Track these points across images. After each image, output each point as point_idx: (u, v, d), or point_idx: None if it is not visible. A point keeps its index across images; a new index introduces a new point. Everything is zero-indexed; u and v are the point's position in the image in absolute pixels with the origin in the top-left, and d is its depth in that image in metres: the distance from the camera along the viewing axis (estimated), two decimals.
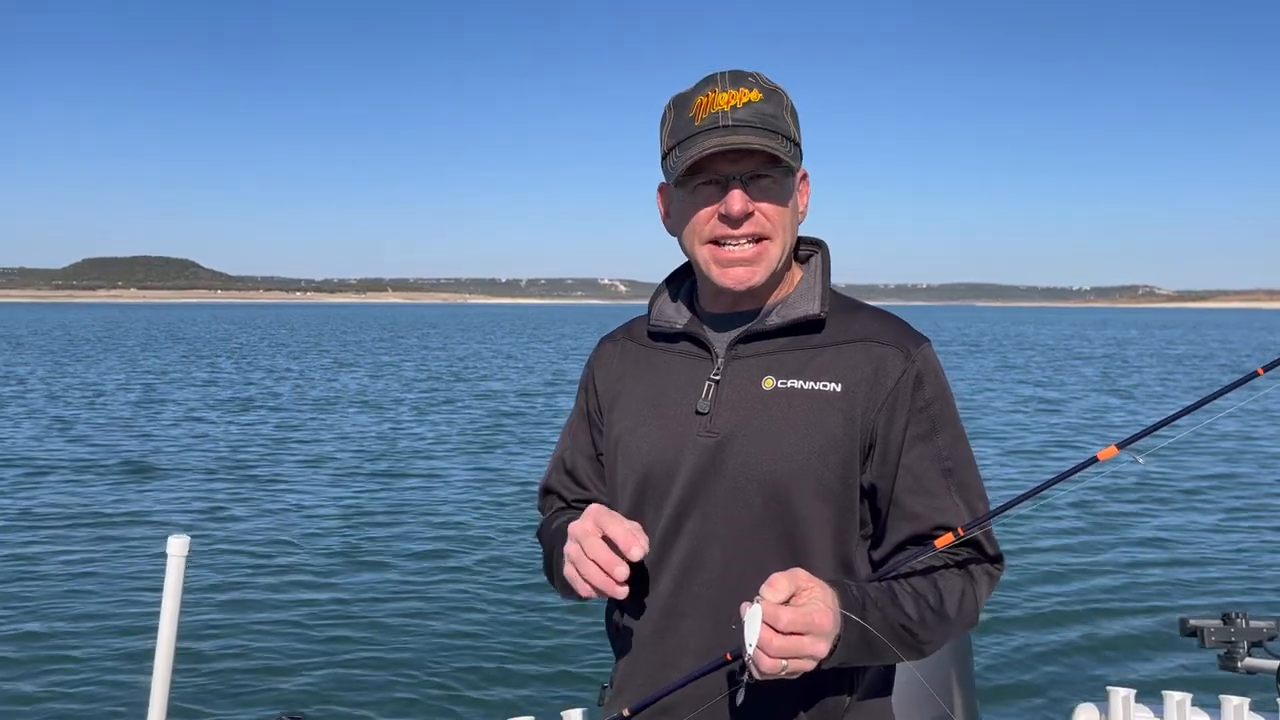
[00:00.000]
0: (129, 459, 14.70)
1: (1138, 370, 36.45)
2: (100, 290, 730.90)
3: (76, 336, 62.20)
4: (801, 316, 1.60)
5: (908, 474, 1.55)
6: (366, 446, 16.43)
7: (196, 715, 5.67)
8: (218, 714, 5.75)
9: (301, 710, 5.54)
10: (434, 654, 6.74)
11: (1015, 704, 5.94)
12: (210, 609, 7.49)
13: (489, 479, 13.42)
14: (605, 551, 1.46)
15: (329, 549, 9.49)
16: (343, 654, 6.70)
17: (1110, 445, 1.56)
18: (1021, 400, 24.64)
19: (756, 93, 1.53)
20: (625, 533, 1.47)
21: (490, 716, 5.73)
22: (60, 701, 5.95)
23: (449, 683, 6.28)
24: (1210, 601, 7.79)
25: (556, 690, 6.12)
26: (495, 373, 34.50)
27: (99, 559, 9.01)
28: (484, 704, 5.96)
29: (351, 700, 5.97)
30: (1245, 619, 2.65)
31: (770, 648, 1.32)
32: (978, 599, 1.56)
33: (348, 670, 6.43)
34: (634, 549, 1.46)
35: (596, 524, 1.49)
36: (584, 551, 1.48)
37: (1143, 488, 12.08)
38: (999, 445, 16.73)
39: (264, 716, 5.59)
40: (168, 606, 2.31)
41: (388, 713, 5.85)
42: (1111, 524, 10.39)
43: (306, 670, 6.42)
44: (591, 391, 1.78)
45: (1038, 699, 6.01)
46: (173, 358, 41.21)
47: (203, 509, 11.32)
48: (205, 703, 5.87)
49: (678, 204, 1.62)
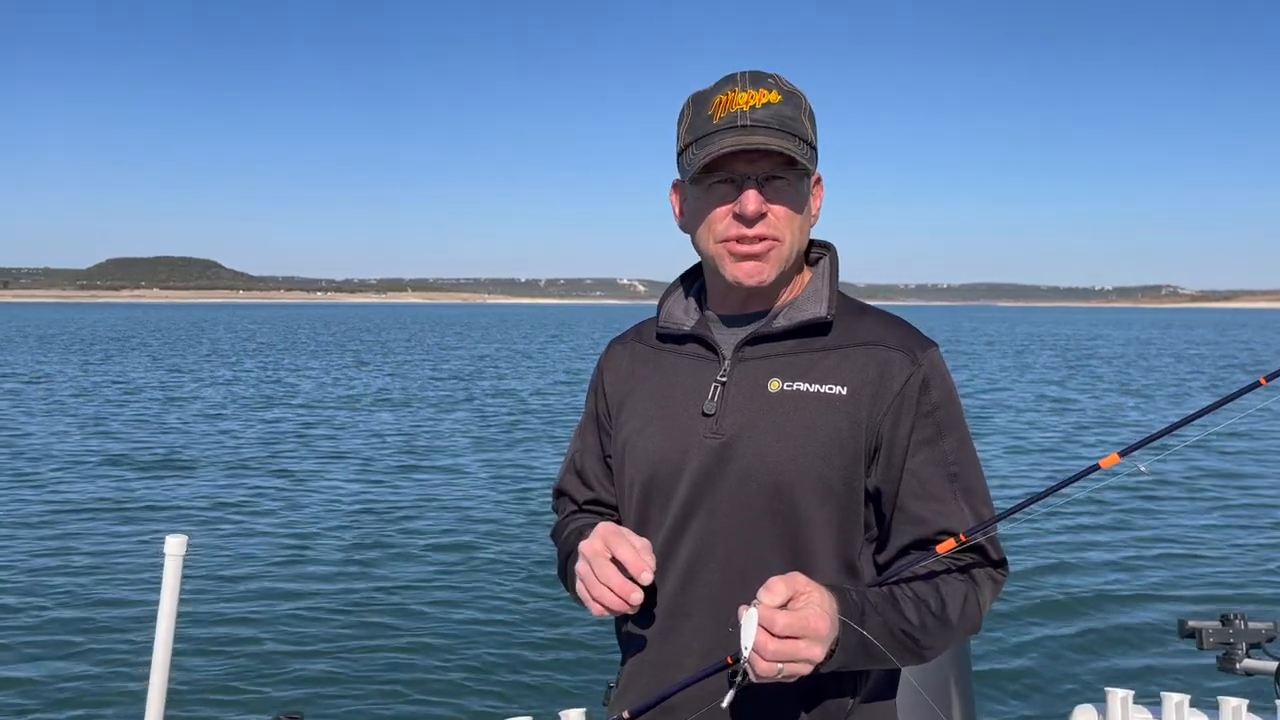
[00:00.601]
0: (140, 455, 14.71)
1: (1157, 370, 36.26)
2: (124, 290, 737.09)
3: (99, 336, 62.90)
4: (808, 319, 1.60)
5: (913, 478, 1.55)
6: (376, 445, 16.45)
7: (194, 715, 5.66)
8: (215, 713, 5.75)
9: (299, 710, 5.47)
10: (434, 653, 6.73)
11: (1014, 705, 5.94)
12: (208, 607, 7.49)
13: (494, 479, 13.42)
14: (617, 576, 1.49)
15: (329, 548, 9.48)
16: (341, 653, 6.69)
17: (1113, 453, 1.56)
18: (1034, 400, 24.66)
19: (775, 94, 1.54)
20: (634, 556, 1.49)
21: (489, 716, 5.74)
22: (62, 697, 5.96)
23: (448, 682, 6.28)
24: (1209, 603, 7.80)
25: (559, 690, 6.11)
26: (510, 372, 34.63)
27: (103, 554, 9.00)
28: (484, 704, 5.96)
29: (350, 700, 5.97)
30: (1244, 620, 2.66)
31: (766, 651, 1.32)
32: (980, 604, 1.57)
33: (346, 670, 6.43)
34: (644, 573, 1.49)
35: (606, 545, 1.52)
36: (595, 575, 1.51)
37: (1141, 488, 12.09)
38: (1014, 443, 16.77)
39: (261, 716, 5.58)
40: (165, 606, 2.32)
41: (386, 712, 5.85)
42: (1110, 524, 10.39)
43: (304, 669, 6.42)
44: (601, 393, 1.79)
45: (1036, 700, 6.00)
46: (195, 356, 41.63)
47: (205, 506, 11.33)
48: (203, 702, 5.86)
49: (692, 202, 1.62)
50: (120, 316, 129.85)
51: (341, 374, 33.03)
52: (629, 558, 1.49)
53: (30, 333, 67.38)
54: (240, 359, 40.43)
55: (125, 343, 53.62)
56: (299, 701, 5.88)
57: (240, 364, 37.30)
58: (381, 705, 5.93)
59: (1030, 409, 22.56)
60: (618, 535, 1.52)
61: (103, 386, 26.87)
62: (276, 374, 32.69)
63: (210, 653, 6.63)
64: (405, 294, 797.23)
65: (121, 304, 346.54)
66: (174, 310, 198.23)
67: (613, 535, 1.53)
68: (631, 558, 1.49)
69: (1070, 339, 68.38)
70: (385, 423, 19.80)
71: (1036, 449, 16.37)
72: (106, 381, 28.60)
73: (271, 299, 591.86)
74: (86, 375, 30.94)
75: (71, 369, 33.60)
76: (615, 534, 1.53)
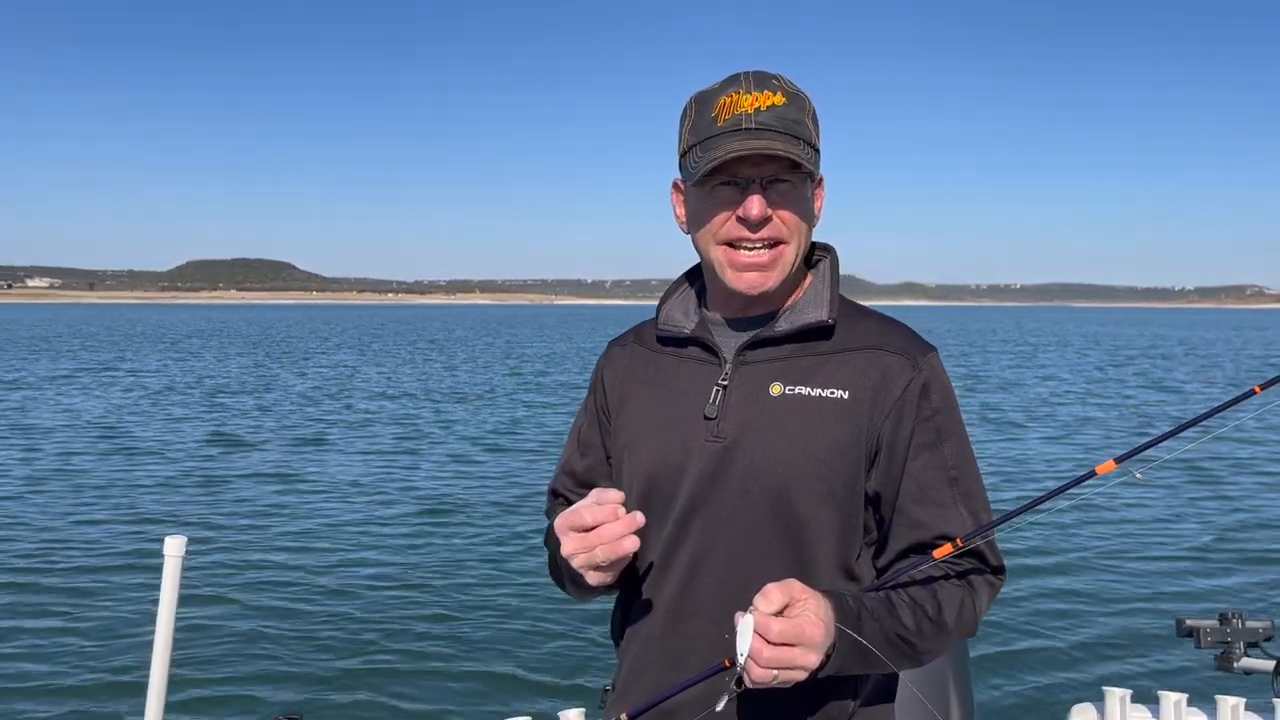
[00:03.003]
0: (139, 453, 14.72)
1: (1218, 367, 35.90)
2: (203, 291, 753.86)
3: (180, 334, 64.66)
4: (810, 323, 1.60)
5: (912, 482, 1.55)
6: (375, 447, 16.43)
7: (193, 715, 5.68)
8: (214, 714, 5.75)
9: (298, 710, 5.52)
10: (433, 654, 6.73)
11: (1012, 704, 5.93)
12: (205, 609, 7.49)
13: (500, 477, 13.42)
14: (606, 531, 1.46)
15: (329, 549, 9.48)
16: (341, 654, 6.69)
17: (1109, 460, 1.58)
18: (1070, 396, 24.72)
19: (780, 96, 1.53)
20: (601, 512, 1.47)
21: (489, 716, 5.72)
22: (62, 697, 5.97)
23: (448, 683, 6.28)
24: (1206, 602, 7.78)
25: (555, 692, 6.10)
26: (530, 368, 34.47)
27: (103, 553, 8.99)
28: (483, 704, 5.96)
29: (349, 701, 5.97)
30: (1241, 619, 2.65)
31: (761, 658, 1.33)
32: (977, 609, 1.57)
33: (346, 671, 6.43)
34: (608, 510, 1.46)
35: (569, 523, 1.49)
36: (585, 541, 1.47)
37: (1140, 488, 11.96)
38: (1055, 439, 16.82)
39: (261, 717, 5.62)
40: (164, 606, 2.33)
41: (385, 712, 5.86)
42: (1108, 523, 10.36)
43: (304, 670, 6.43)
44: (600, 394, 1.79)
45: (1034, 699, 5.99)
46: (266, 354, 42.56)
47: (207, 503, 11.31)
48: (202, 702, 5.87)
49: (694, 204, 1.62)
50: (198, 316, 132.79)
51: (348, 369, 33.01)
52: (598, 516, 1.47)
53: (121, 330, 69.39)
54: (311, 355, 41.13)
55: (209, 340, 54.89)
56: (298, 702, 5.89)
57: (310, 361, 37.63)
58: (381, 706, 5.93)
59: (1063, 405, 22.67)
60: (572, 512, 1.50)
61: (183, 381, 27.28)
62: (282, 372, 32.71)
63: (210, 653, 6.62)
64: (473, 295, 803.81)
65: (201, 305, 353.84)
66: (251, 310, 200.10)
67: (569, 514, 1.50)
68: (599, 515, 1.47)
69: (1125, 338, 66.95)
70: (384, 426, 19.83)
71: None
72: (186, 375, 29.09)
73: (344, 300, 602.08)
74: (182, 372, 31.62)
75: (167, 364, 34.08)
76: (571, 512, 1.50)
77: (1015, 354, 47.38)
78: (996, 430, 18.64)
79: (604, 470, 1.77)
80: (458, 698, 6.08)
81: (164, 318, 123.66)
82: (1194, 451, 8.32)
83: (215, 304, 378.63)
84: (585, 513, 1.48)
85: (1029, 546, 9.25)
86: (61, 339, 57.49)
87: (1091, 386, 28.80)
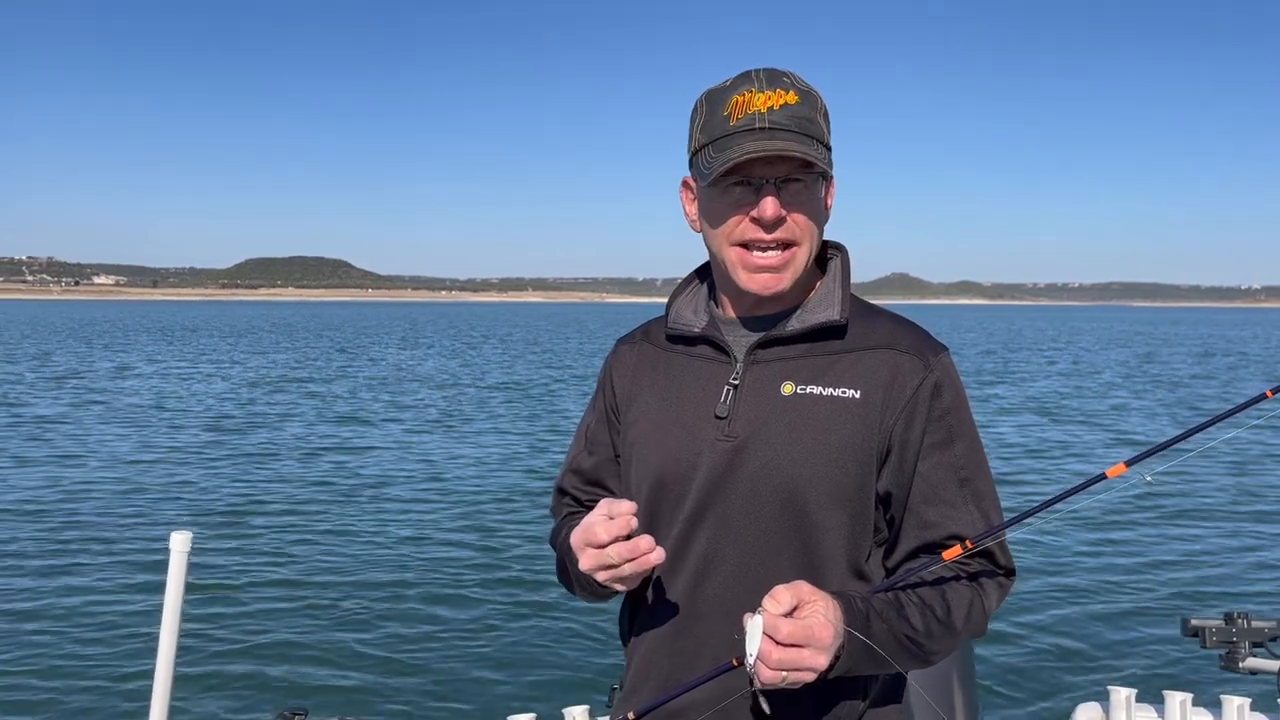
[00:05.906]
0: (144, 451, 14.88)
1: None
2: (261, 289, 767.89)
3: (245, 329, 65.75)
4: (821, 322, 1.59)
5: (923, 482, 1.55)
6: (377, 444, 16.52)
7: (199, 709, 5.71)
8: (220, 708, 5.78)
9: (303, 705, 5.49)
10: (438, 650, 6.74)
11: (1017, 703, 5.92)
12: (208, 605, 7.53)
13: (503, 478, 13.43)
14: (624, 548, 1.46)
15: (334, 546, 9.49)
16: (345, 650, 6.71)
17: (1119, 463, 1.59)
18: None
19: (793, 95, 1.52)
20: (615, 526, 1.47)
21: (493, 713, 5.70)
22: (67, 692, 6.00)
23: (452, 679, 6.29)
24: (1212, 602, 7.76)
25: (562, 687, 6.08)
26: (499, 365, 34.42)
27: (108, 550, 9.03)
28: (487, 701, 5.97)
29: (353, 696, 5.99)
30: (1247, 619, 2.64)
31: (769, 659, 1.33)
32: (986, 610, 1.56)
33: (350, 666, 6.44)
34: (620, 525, 1.46)
35: (584, 540, 1.50)
36: (606, 558, 1.47)
37: (1145, 488, 11.58)
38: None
39: (265, 712, 5.59)
40: (170, 602, 2.34)
41: (390, 708, 5.86)
42: (1114, 524, 10.31)
43: (309, 666, 6.45)
44: (609, 393, 1.77)
45: (1040, 698, 5.98)
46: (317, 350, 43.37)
47: (211, 502, 11.38)
48: (208, 697, 5.90)
49: (706, 203, 1.60)
50: (257, 313, 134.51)
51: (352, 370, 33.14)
52: (612, 531, 1.47)
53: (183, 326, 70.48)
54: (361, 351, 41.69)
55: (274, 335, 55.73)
56: (303, 697, 5.89)
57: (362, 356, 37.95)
58: (385, 701, 5.94)
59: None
60: (586, 529, 1.50)
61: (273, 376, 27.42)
62: (292, 369, 32.88)
63: (215, 648, 6.65)
64: (526, 293, 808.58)
65: (260, 302, 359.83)
66: (308, 308, 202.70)
67: (583, 530, 1.50)
68: (613, 529, 1.47)
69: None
70: (387, 422, 19.88)
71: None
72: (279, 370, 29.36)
73: (399, 297, 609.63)
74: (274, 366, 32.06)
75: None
76: (584, 528, 1.51)
77: (1043, 353, 46.94)
78: (1008, 429, 18.61)
79: (611, 469, 1.77)
80: (463, 694, 6.09)
81: (223, 314, 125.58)
82: (1206, 457, 8.17)
83: (274, 300, 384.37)
84: (599, 529, 1.47)
85: (1036, 544, 9.24)
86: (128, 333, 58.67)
87: (1118, 383, 28.73)
